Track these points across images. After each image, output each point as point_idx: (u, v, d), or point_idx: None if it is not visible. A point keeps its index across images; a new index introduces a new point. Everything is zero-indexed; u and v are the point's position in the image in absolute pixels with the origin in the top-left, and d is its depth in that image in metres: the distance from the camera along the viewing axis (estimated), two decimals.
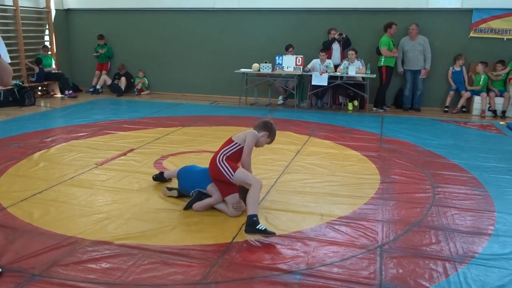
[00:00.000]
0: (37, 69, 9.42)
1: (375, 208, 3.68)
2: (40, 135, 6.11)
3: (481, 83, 8.27)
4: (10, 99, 8.51)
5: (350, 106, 8.69)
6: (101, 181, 4.26)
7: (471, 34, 8.46)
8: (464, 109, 8.57)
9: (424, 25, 8.43)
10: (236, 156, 3.52)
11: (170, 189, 3.88)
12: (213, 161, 3.53)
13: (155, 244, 3.01)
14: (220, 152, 3.52)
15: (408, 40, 8.48)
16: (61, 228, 3.23)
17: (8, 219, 3.38)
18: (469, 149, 5.64)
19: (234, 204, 3.46)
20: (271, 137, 3.70)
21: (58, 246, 2.96)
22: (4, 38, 9.46)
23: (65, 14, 10.74)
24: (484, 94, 8.21)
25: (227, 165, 3.41)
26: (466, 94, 8.41)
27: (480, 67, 8.22)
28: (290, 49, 8.89)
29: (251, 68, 8.89)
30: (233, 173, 3.37)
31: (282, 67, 8.69)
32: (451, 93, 8.56)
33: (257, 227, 3.06)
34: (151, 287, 2.52)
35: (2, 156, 5.01)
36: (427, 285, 2.56)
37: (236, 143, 3.56)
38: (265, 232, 3.04)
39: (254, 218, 3.11)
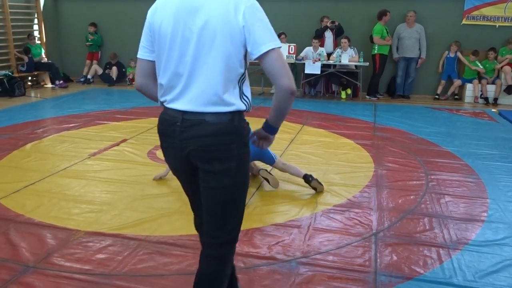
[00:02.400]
0: (26, 59, 9.28)
1: (369, 196, 3.70)
2: (31, 125, 6.04)
3: (480, 66, 8.21)
4: (0, 89, 8.39)
5: (343, 95, 8.69)
6: (94, 172, 4.23)
7: (464, 22, 8.46)
8: (456, 97, 8.60)
9: (418, 12, 8.41)
10: None
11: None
12: None
13: (150, 234, 3.00)
14: None
15: (405, 27, 8.45)
16: (54, 220, 3.21)
17: (1, 211, 3.34)
18: (462, 137, 5.67)
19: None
20: None
21: (52, 238, 2.95)
22: None
23: (54, 2, 10.56)
24: (476, 81, 8.24)
25: None
26: (457, 82, 8.43)
27: (472, 57, 8.22)
28: (282, 36, 8.82)
29: None
30: None
31: None
32: (443, 81, 8.58)
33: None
34: (146, 277, 2.51)
35: None
36: (422, 271, 2.59)
37: None
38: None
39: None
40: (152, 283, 2.45)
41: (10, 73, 8.73)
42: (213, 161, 1.72)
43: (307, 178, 3.78)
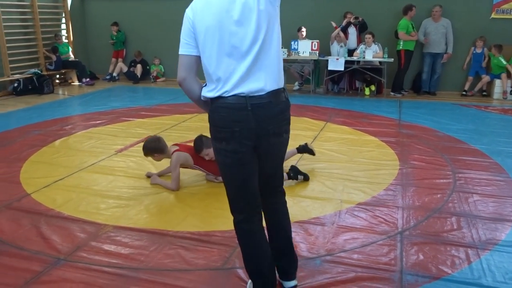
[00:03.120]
0: (54, 58, 9.50)
1: (394, 194, 3.65)
2: (59, 122, 6.19)
3: (504, 63, 7.98)
4: (30, 87, 8.62)
5: (367, 91, 8.59)
6: (121, 168, 4.31)
7: (493, 15, 8.22)
8: (484, 93, 8.39)
9: (444, 7, 8.22)
10: None
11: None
12: None
13: (176, 229, 3.05)
14: None
15: (431, 22, 8.27)
16: (83, 214, 3.29)
17: (33, 205, 3.45)
18: (490, 134, 5.54)
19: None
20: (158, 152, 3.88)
21: (82, 231, 3.03)
22: (21, 27, 9.60)
23: (81, 1, 10.78)
24: (504, 75, 8.00)
25: None
26: (485, 78, 8.21)
27: (494, 50, 7.99)
28: (302, 29, 8.74)
29: None
30: None
31: (298, 52, 8.61)
32: (470, 78, 8.37)
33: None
34: (172, 272, 2.55)
35: (24, 143, 5.10)
36: (449, 271, 2.55)
37: None
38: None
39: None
40: (177, 278, 2.49)
41: (39, 72, 8.96)
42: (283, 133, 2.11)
43: (301, 147, 4.25)
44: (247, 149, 2.00)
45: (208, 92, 2.01)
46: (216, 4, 1.91)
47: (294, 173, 3.91)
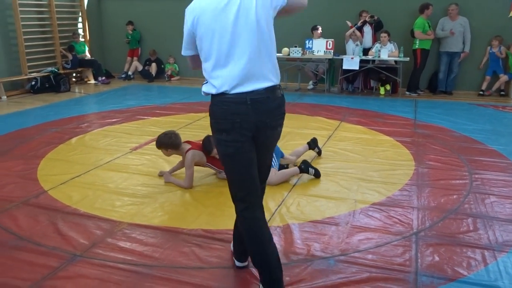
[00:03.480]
0: (70, 56, 9.63)
1: (409, 195, 3.62)
2: (75, 120, 6.27)
3: None
4: (47, 85, 8.76)
5: (382, 91, 8.52)
6: (136, 166, 4.35)
7: (511, 14, 8.08)
8: (502, 93, 8.25)
9: (460, 5, 8.11)
10: None
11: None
12: None
13: (190, 227, 3.06)
14: None
15: (448, 21, 8.16)
16: (99, 211, 3.33)
17: (50, 202, 3.51)
18: (508, 134, 5.45)
19: None
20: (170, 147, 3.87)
21: (97, 228, 3.06)
22: (39, 26, 9.70)
23: (97, 1, 10.90)
24: None
25: None
26: (503, 77, 8.08)
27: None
28: (318, 28, 8.71)
29: (280, 53, 8.81)
30: None
31: (312, 51, 8.58)
32: (487, 77, 8.23)
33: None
34: (186, 269, 2.57)
35: (41, 141, 5.18)
36: (465, 273, 2.52)
37: None
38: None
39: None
40: (191, 275, 2.51)
41: (56, 70, 9.09)
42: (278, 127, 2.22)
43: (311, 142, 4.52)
44: (246, 139, 2.11)
45: (208, 90, 2.12)
46: (213, 5, 2.01)
47: (306, 165, 3.92)
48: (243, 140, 2.10)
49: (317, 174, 3.96)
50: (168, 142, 3.86)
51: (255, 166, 2.20)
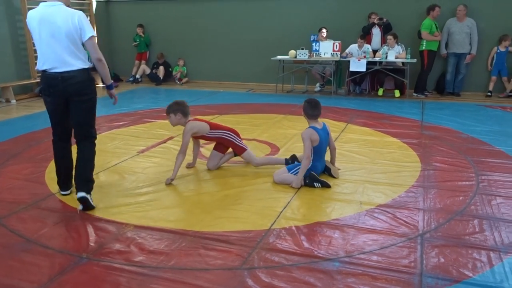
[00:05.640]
0: None
1: (415, 196, 3.61)
2: None
3: None
4: None
5: (380, 92, 8.48)
6: (143, 168, 4.38)
7: None
8: (510, 94, 8.18)
9: (469, 6, 8.07)
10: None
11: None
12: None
13: (195, 229, 3.08)
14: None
15: (455, 22, 8.12)
16: (105, 213, 3.36)
17: (57, 204, 3.55)
18: None
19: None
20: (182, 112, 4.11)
21: (104, 230, 3.09)
22: None
23: (105, 5, 11.02)
24: None
25: None
26: None
27: None
28: (323, 30, 8.70)
29: (287, 55, 8.83)
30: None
31: (319, 53, 8.58)
32: (493, 78, 8.17)
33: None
34: (192, 271, 2.59)
35: (49, 144, 5.19)
36: (470, 274, 2.50)
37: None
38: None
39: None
40: (197, 277, 2.52)
41: None
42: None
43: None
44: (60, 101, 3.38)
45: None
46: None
47: (311, 180, 3.82)
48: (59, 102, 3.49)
49: (324, 186, 3.81)
50: (180, 107, 4.06)
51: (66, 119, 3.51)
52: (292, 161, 4.24)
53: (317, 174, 3.92)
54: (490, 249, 2.76)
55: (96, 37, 3.45)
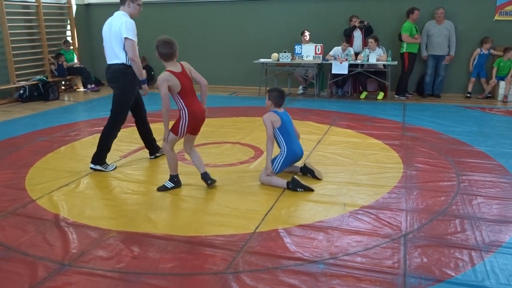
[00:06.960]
0: (54, 66, 9.55)
1: (398, 197, 3.65)
2: (65, 128, 6.24)
3: None
4: (35, 94, 8.71)
5: (362, 95, 8.57)
6: (126, 174, 4.33)
7: (496, 17, 8.20)
8: (489, 95, 8.35)
9: (447, 9, 8.22)
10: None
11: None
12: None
13: (179, 234, 3.06)
14: None
15: (434, 24, 8.26)
16: (88, 220, 3.31)
17: (38, 211, 3.48)
18: (495, 136, 5.51)
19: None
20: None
21: (86, 237, 3.04)
22: (27, 34, 9.65)
23: (86, 9, 10.88)
24: (509, 79, 7.97)
25: None
26: (493, 81, 8.17)
27: (505, 56, 7.97)
28: (305, 33, 8.74)
29: (270, 58, 8.86)
30: None
31: (302, 56, 8.62)
32: (472, 79, 8.33)
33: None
34: (176, 276, 2.56)
35: (30, 150, 5.14)
36: (453, 274, 2.54)
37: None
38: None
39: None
40: (181, 282, 2.50)
41: (45, 78, 9.04)
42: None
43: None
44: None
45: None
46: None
47: (294, 185, 3.80)
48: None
49: (307, 190, 3.79)
50: (161, 49, 3.90)
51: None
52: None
53: (297, 157, 4.08)
54: (471, 248, 2.81)
55: (131, 40, 4.64)
